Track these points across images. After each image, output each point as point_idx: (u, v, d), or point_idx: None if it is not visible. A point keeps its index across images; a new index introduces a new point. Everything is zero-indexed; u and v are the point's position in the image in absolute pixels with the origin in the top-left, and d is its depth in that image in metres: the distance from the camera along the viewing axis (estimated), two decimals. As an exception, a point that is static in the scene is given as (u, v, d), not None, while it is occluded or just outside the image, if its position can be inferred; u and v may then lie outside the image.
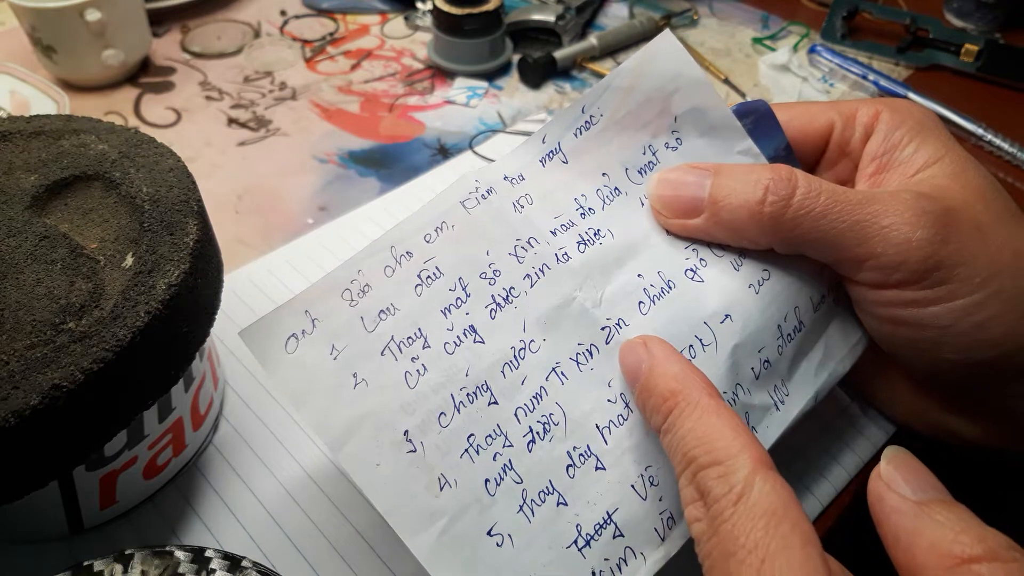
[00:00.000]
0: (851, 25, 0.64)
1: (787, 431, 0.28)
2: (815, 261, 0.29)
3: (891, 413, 0.35)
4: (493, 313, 0.26)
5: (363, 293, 0.26)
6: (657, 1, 0.69)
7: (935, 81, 0.60)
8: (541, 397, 0.26)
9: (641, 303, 0.28)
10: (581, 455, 0.25)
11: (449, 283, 0.26)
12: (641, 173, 0.30)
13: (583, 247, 0.28)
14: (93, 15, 0.52)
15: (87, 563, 0.24)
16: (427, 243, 0.27)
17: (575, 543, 0.25)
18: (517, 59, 0.60)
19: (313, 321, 0.25)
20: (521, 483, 0.25)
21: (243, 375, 0.37)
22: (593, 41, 0.61)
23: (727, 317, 0.28)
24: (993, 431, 0.31)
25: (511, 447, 0.25)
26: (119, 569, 0.24)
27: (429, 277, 0.26)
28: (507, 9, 0.61)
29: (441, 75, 0.60)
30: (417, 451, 0.24)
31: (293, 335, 0.25)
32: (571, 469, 0.25)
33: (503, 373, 0.26)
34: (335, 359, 0.25)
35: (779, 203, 0.27)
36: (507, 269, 0.27)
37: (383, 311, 0.26)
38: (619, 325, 0.27)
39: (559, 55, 0.59)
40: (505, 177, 0.28)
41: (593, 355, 0.27)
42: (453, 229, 0.27)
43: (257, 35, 0.64)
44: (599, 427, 0.26)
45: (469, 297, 0.26)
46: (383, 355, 0.25)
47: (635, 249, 0.29)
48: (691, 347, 0.27)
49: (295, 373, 0.25)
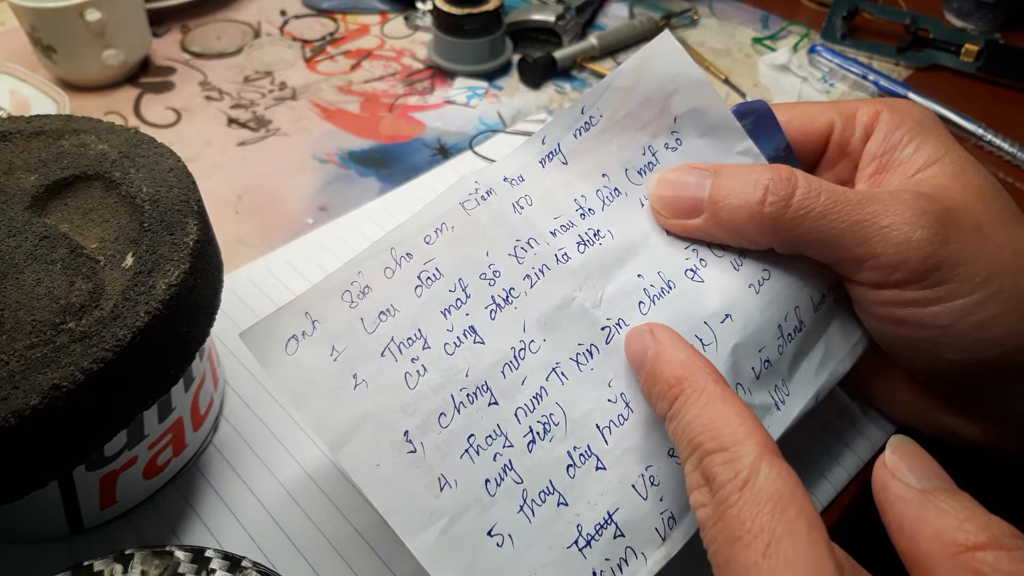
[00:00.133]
0: (851, 25, 0.64)
1: (788, 431, 0.28)
2: (815, 261, 0.29)
3: (891, 413, 0.35)
4: (493, 314, 0.26)
5: (363, 294, 0.26)
6: (657, 1, 0.69)
7: (935, 81, 0.60)
8: (541, 397, 0.26)
9: (641, 303, 0.28)
10: (581, 455, 0.25)
11: (449, 284, 0.26)
12: (641, 174, 0.30)
13: (583, 247, 0.28)
14: (93, 15, 0.52)
15: (87, 563, 0.24)
16: (427, 244, 0.27)
17: (576, 543, 0.25)
18: (517, 59, 0.60)
19: (313, 323, 0.25)
20: (521, 483, 0.25)
21: (243, 375, 0.37)
22: (593, 41, 0.61)
23: (727, 317, 0.28)
24: (993, 431, 0.31)
25: (511, 447, 0.25)
26: (119, 569, 0.24)
27: (429, 278, 0.26)
28: (507, 9, 0.61)
29: (441, 75, 0.60)
30: (417, 451, 0.24)
31: (293, 336, 0.25)
32: (571, 469, 0.25)
33: (503, 373, 0.26)
34: (335, 360, 0.25)
35: (779, 203, 0.27)
36: (507, 270, 0.27)
37: (383, 312, 0.26)
38: (619, 325, 0.27)
39: (559, 55, 0.59)
40: (505, 178, 0.28)
41: (593, 355, 0.27)
42: (453, 230, 0.27)
43: (257, 35, 0.64)
44: (599, 427, 0.26)
45: (469, 298, 0.26)
46: (383, 356, 0.25)
47: (635, 249, 0.29)
48: (691, 347, 0.27)
49: (295, 374, 0.25)
